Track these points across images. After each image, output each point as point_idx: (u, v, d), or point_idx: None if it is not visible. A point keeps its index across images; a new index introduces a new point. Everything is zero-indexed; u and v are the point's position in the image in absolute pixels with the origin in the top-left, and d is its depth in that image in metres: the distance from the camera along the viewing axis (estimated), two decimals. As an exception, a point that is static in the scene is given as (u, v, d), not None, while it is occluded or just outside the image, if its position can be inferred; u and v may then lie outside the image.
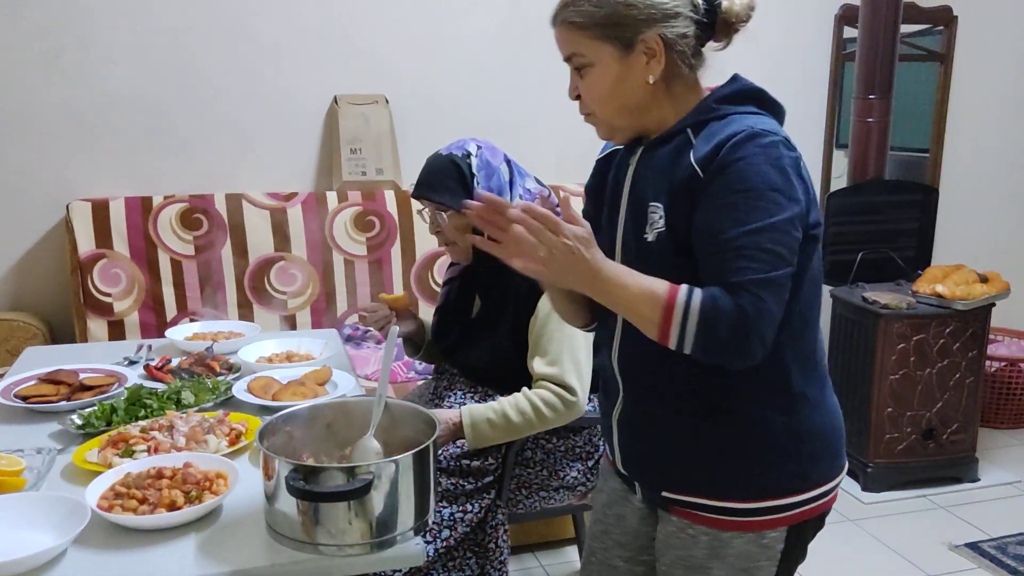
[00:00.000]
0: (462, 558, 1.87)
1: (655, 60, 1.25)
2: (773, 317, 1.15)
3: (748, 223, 1.14)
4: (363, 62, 3.15)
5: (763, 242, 1.14)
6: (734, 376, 1.21)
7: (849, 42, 3.64)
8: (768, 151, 1.17)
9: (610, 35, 1.24)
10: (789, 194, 1.17)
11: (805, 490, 1.28)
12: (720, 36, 1.31)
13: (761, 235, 1.14)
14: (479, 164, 1.87)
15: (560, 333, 1.82)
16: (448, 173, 1.87)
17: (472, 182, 1.86)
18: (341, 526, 1.23)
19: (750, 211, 1.15)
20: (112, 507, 1.31)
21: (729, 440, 1.26)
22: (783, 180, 1.17)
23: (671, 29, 1.24)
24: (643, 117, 1.30)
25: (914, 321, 3.06)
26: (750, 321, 1.12)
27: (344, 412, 1.49)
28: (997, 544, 2.82)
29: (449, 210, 1.88)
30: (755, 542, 1.29)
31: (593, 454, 2.01)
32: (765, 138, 1.18)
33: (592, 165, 1.47)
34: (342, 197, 3.04)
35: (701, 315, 1.12)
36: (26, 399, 1.79)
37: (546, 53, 3.29)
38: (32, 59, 2.84)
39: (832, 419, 1.33)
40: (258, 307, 2.97)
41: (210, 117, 3.04)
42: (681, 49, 1.25)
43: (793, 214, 1.17)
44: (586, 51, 1.27)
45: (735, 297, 1.12)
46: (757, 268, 1.13)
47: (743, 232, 1.14)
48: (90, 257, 2.81)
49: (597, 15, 1.24)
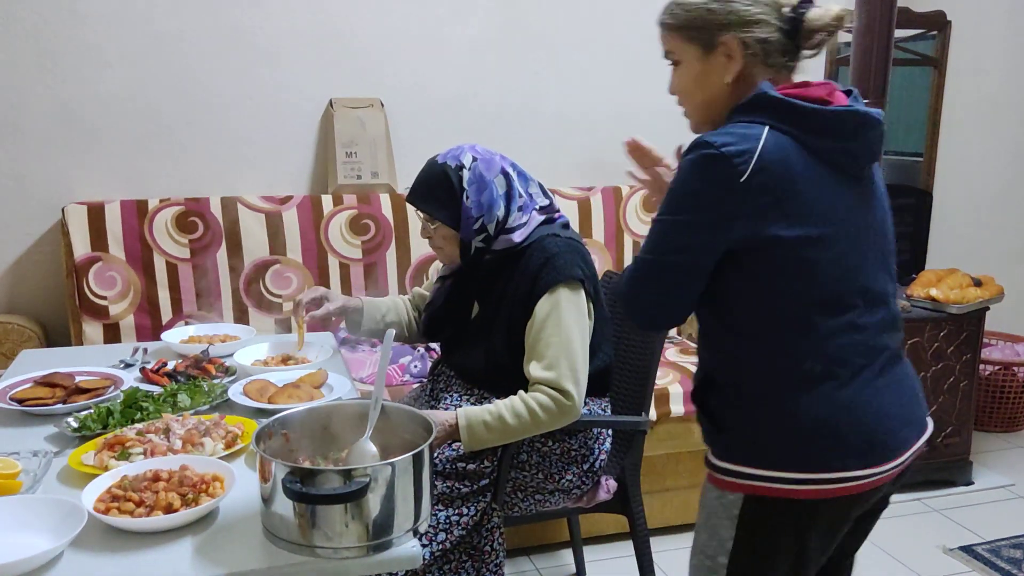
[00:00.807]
0: (458, 561, 1.87)
1: (732, 62, 1.36)
2: (633, 291, 1.39)
3: (657, 216, 1.35)
4: (359, 65, 3.16)
5: (652, 231, 1.36)
6: (717, 357, 1.43)
7: (844, 46, 3.65)
8: (701, 160, 1.28)
9: (694, 36, 1.38)
10: (698, 202, 1.29)
11: (762, 467, 1.34)
12: (807, 44, 1.39)
13: (654, 225, 1.36)
14: (470, 178, 1.88)
15: (557, 338, 1.82)
16: (439, 184, 1.89)
17: (461, 196, 1.87)
18: (338, 529, 1.23)
19: (663, 206, 1.34)
20: (109, 510, 1.31)
21: (718, 405, 1.44)
22: (701, 187, 1.29)
23: (750, 34, 1.34)
24: (718, 115, 1.39)
25: (908, 324, 3.07)
26: (620, 288, 1.42)
27: (340, 415, 1.50)
28: (991, 547, 2.83)
29: (436, 221, 1.90)
30: (719, 498, 1.41)
31: (588, 457, 2.02)
32: (705, 149, 1.27)
33: (582, 167, 1.64)
34: (337, 200, 3.04)
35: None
36: (22, 402, 1.79)
37: (541, 57, 3.33)
38: (27, 62, 2.84)
39: (811, 421, 1.33)
40: (253, 310, 2.97)
41: (206, 120, 3.04)
42: (755, 52, 1.35)
43: (693, 220, 1.30)
44: (676, 50, 1.43)
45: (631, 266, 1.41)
46: (643, 248, 1.38)
47: (652, 220, 1.37)
48: (85, 260, 2.81)
49: (684, 18, 1.39)
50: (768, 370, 1.35)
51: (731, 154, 1.26)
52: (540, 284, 1.85)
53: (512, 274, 1.91)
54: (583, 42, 3.36)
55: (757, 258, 1.30)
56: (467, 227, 1.89)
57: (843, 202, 1.33)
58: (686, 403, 2.76)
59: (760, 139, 1.27)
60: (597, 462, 2.04)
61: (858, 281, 1.34)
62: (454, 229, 1.91)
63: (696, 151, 1.29)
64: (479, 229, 1.88)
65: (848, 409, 1.33)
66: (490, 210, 1.87)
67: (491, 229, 1.88)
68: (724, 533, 1.40)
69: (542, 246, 1.89)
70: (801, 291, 1.31)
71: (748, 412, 1.38)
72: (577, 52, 3.36)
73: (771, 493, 1.35)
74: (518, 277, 1.89)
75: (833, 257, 1.31)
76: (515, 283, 1.90)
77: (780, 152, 1.27)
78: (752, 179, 1.25)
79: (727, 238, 1.29)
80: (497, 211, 1.88)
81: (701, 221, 1.29)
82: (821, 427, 1.33)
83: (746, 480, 1.36)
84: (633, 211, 3.34)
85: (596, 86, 3.40)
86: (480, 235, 1.89)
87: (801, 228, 1.28)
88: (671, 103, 1.50)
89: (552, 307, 1.84)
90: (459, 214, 1.88)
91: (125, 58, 2.92)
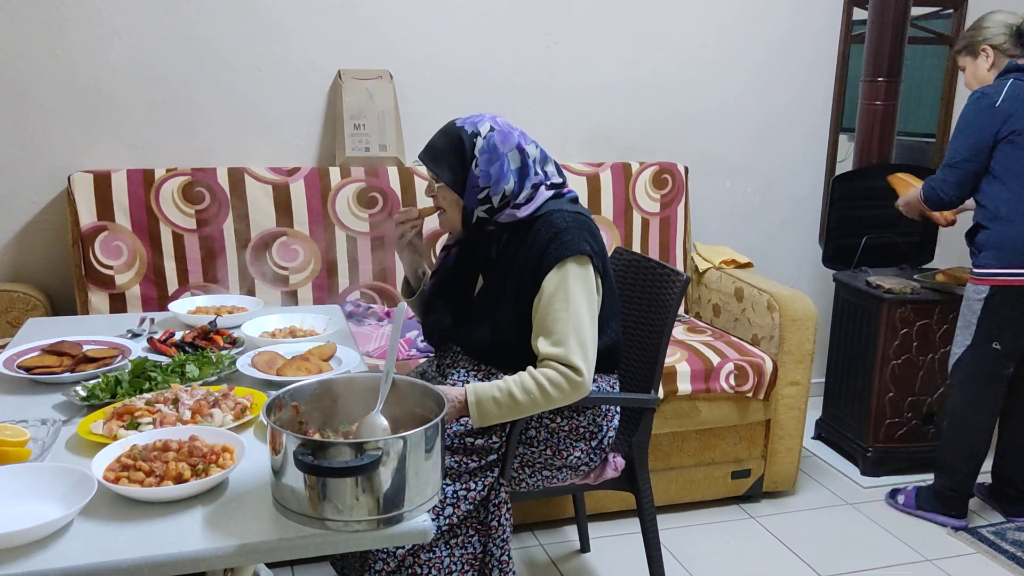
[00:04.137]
0: (465, 536, 1.87)
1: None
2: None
3: None
4: (367, 36, 3.12)
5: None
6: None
7: (858, 24, 3.61)
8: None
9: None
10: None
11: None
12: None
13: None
14: (483, 147, 1.85)
15: (566, 313, 1.81)
16: (451, 146, 1.87)
17: (471, 163, 1.85)
18: (348, 502, 1.23)
19: None
20: (119, 479, 1.30)
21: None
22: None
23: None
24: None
25: (917, 306, 3.06)
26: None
27: (351, 388, 1.49)
28: (996, 529, 2.83)
29: (440, 183, 1.90)
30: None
31: (597, 434, 2.01)
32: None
33: (592, 143, 1.67)
34: (345, 173, 3.02)
35: None
36: (29, 370, 1.78)
37: (552, 32, 3.30)
38: (35, 29, 2.81)
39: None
40: (259, 282, 2.95)
41: (213, 90, 3.01)
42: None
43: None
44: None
45: None
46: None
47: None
48: (91, 229, 2.80)
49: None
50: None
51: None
52: (548, 259, 1.83)
53: (519, 249, 1.90)
54: (594, 17, 3.32)
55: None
56: (472, 195, 1.87)
57: None
58: (693, 381, 2.75)
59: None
60: (605, 439, 2.04)
61: None
62: (458, 194, 1.89)
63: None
64: (483, 199, 1.86)
65: None
66: (497, 183, 1.85)
67: (495, 201, 1.86)
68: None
69: (549, 221, 1.87)
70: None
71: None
72: (588, 27, 3.32)
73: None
74: (525, 252, 1.88)
75: None
76: (522, 258, 1.88)
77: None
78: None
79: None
80: (505, 184, 1.86)
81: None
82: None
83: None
84: (642, 187, 3.32)
85: (607, 62, 3.37)
86: (484, 205, 1.87)
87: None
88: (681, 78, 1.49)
89: (560, 282, 1.82)
90: (465, 180, 1.86)
91: (133, 27, 2.89)
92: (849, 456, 3.35)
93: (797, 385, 2.92)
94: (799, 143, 3.72)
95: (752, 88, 3.59)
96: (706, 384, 2.77)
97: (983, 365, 2.68)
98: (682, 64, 3.46)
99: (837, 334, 3.38)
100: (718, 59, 3.51)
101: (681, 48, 3.45)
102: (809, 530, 2.84)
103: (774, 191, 3.73)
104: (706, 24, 3.46)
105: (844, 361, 3.32)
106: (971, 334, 2.66)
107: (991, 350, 2.64)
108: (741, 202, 3.70)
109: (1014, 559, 2.65)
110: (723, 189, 3.66)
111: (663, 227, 3.37)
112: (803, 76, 3.65)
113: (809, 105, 3.69)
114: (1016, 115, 2.56)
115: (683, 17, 3.43)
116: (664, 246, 3.38)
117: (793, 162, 3.73)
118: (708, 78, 3.51)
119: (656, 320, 2.22)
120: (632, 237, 3.33)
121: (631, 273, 2.35)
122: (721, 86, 3.54)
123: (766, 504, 3.01)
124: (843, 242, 3.26)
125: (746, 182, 3.69)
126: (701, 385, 2.76)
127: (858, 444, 3.26)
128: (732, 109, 3.59)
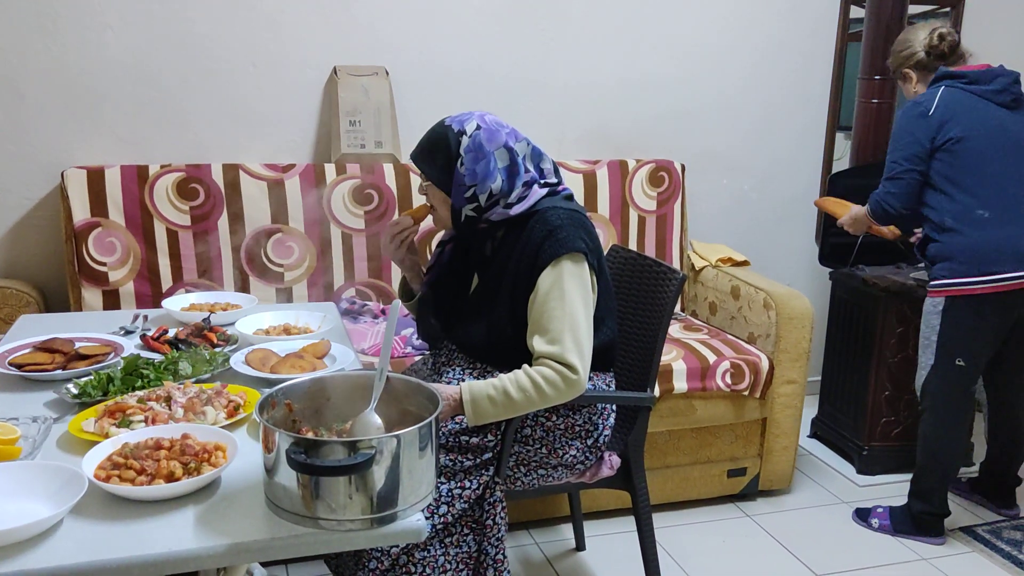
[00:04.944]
0: (459, 534, 1.86)
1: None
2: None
3: None
4: (363, 32, 3.11)
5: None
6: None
7: (855, 22, 3.61)
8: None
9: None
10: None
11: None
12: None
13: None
14: (468, 146, 1.84)
15: (561, 311, 1.80)
16: (439, 146, 1.87)
17: (456, 162, 1.84)
18: (341, 501, 1.22)
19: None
20: (110, 477, 1.29)
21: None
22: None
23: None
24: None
25: (914, 305, 3.05)
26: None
27: (344, 386, 1.48)
28: (991, 528, 2.83)
29: (428, 182, 1.90)
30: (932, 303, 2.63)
31: (593, 433, 2.00)
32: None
33: (588, 140, 1.63)
34: (340, 170, 3.01)
35: None
36: (21, 367, 1.77)
37: (549, 29, 3.28)
38: (28, 24, 2.79)
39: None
40: (254, 279, 2.94)
41: (208, 86, 2.99)
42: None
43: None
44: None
45: None
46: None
47: None
48: (85, 225, 2.78)
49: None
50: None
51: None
52: (543, 256, 1.82)
53: (514, 246, 1.89)
54: (591, 14, 3.31)
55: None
56: (458, 194, 1.86)
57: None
58: (689, 380, 2.74)
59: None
60: (601, 437, 2.03)
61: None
62: (445, 193, 1.88)
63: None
64: (470, 198, 1.85)
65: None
66: (484, 181, 1.84)
67: (482, 200, 1.85)
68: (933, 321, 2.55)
69: (544, 218, 1.86)
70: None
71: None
72: (585, 24, 3.31)
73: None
74: (520, 249, 1.87)
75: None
76: (517, 256, 1.87)
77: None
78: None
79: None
80: (491, 183, 1.84)
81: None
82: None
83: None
84: (639, 184, 3.31)
85: (603, 59, 3.36)
86: (471, 204, 1.86)
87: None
88: (677, 76, 1.48)
89: (555, 280, 1.81)
90: (451, 179, 1.86)
91: (127, 22, 2.87)
92: (845, 454, 3.34)
93: (793, 383, 2.92)
94: (796, 141, 3.71)
95: (749, 85, 3.58)
96: (702, 382, 2.76)
97: (949, 384, 2.61)
98: (679, 61, 3.45)
99: (833, 332, 3.37)
100: (715, 56, 3.50)
101: (678, 45, 3.44)
102: (805, 528, 2.84)
103: (771, 189, 3.73)
104: (703, 21, 3.45)
105: (840, 359, 3.31)
106: (933, 353, 2.59)
107: (955, 367, 2.57)
108: (738, 200, 3.70)
109: (1009, 558, 2.65)
110: (720, 187, 3.66)
111: (659, 225, 3.36)
112: (800, 74, 3.65)
113: (806, 103, 3.68)
114: (951, 122, 2.52)
115: (680, 14, 3.42)
116: (660, 244, 3.37)
117: (790, 160, 3.72)
118: (705, 75, 3.51)
119: (652, 318, 2.21)
120: (628, 235, 3.33)
121: (627, 271, 2.34)
122: (718, 83, 3.53)
123: (762, 502, 3.01)
124: (839, 240, 3.25)
125: (743, 180, 3.68)
126: (697, 383, 2.75)
127: (854, 442, 3.25)
128: (729, 106, 3.58)
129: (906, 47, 2.73)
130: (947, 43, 2.67)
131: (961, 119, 2.52)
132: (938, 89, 2.59)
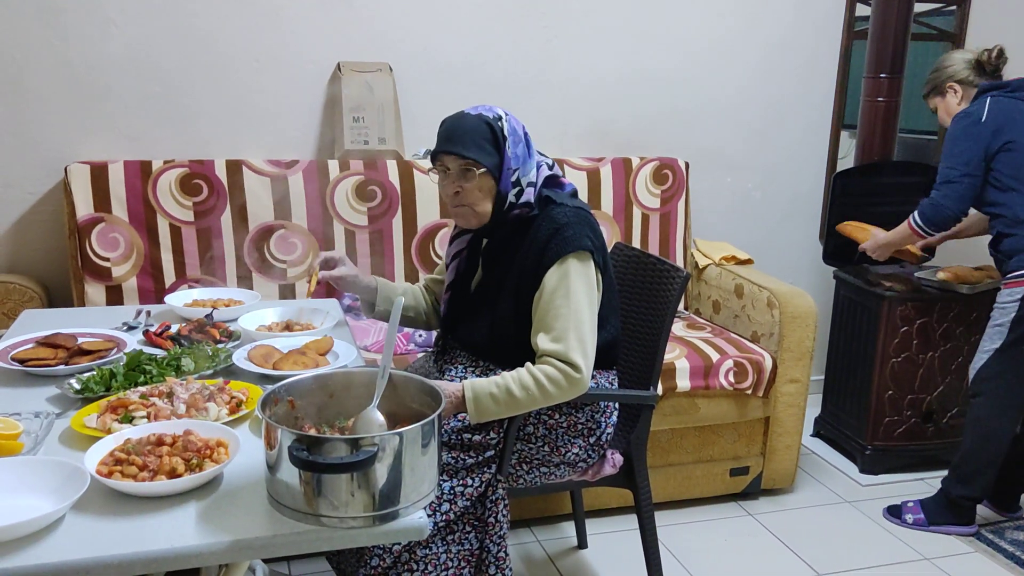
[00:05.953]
0: (461, 532, 1.86)
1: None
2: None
3: None
4: (367, 28, 3.10)
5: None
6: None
7: (860, 20, 3.59)
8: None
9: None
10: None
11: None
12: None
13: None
14: (509, 129, 1.84)
15: (566, 309, 1.79)
16: (481, 132, 1.82)
17: (504, 145, 1.83)
18: (343, 498, 1.21)
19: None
20: (112, 473, 1.29)
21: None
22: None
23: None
24: None
25: (918, 304, 3.05)
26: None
27: (347, 383, 1.48)
28: (994, 529, 2.83)
29: (481, 168, 1.81)
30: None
31: (595, 431, 2.00)
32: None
33: (592, 137, 1.61)
34: (344, 166, 3.00)
35: None
36: (23, 362, 1.77)
37: (552, 25, 3.27)
38: (31, 18, 2.79)
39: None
40: (257, 275, 2.94)
41: (211, 81, 2.99)
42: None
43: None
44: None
45: None
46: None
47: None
48: (88, 221, 2.78)
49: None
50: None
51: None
52: (549, 254, 1.81)
53: (519, 244, 1.88)
54: (594, 10, 3.30)
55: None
56: (506, 178, 1.84)
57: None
58: (692, 378, 2.74)
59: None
60: (604, 436, 2.02)
61: None
62: (495, 179, 1.84)
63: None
64: (515, 182, 1.85)
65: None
66: (524, 163, 1.85)
67: (523, 182, 1.86)
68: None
69: (550, 216, 1.85)
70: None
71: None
72: (588, 20, 3.30)
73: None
74: (525, 247, 1.86)
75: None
76: (522, 253, 1.87)
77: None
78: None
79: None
80: (531, 164, 1.87)
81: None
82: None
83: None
84: (642, 182, 3.30)
85: (606, 55, 3.35)
86: (515, 188, 1.86)
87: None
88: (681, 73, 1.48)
89: (561, 278, 1.81)
90: (502, 163, 1.84)
91: (130, 17, 2.87)
92: (848, 454, 3.34)
93: (796, 382, 2.91)
94: (800, 139, 3.70)
95: (753, 83, 3.57)
96: (705, 381, 2.75)
97: (1012, 368, 2.65)
98: (683, 58, 3.44)
99: (837, 331, 3.36)
100: (719, 53, 3.49)
101: (682, 42, 3.43)
102: (807, 528, 2.83)
103: (775, 187, 3.72)
104: (708, 18, 3.44)
105: (844, 359, 3.31)
106: (1001, 337, 2.63)
107: (1021, 351, 2.62)
108: (742, 198, 3.69)
109: (1013, 558, 2.64)
110: (723, 185, 3.65)
111: (663, 223, 3.35)
112: (805, 71, 3.64)
113: (810, 101, 3.67)
114: (1005, 127, 2.62)
115: (684, 10, 3.41)
116: (664, 242, 3.37)
117: (794, 158, 3.71)
118: (709, 72, 3.50)
119: (655, 316, 2.20)
120: (632, 232, 3.32)
121: (631, 269, 2.33)
122: (722, 81, 3.52)
123: (764, 501, 3.00)
124: (844, 240, 3.24)
125: (747, 178, 3.68)
126: (700, 382, 2.75)
127: (857, 442, 3.25)
128: (733, 104, 3.57)
129: (951, 63, 2.85)
130: (1003, 58, 2.81)
131: (1013, 124, 2.62)
132: (985, 100, 2.68)
